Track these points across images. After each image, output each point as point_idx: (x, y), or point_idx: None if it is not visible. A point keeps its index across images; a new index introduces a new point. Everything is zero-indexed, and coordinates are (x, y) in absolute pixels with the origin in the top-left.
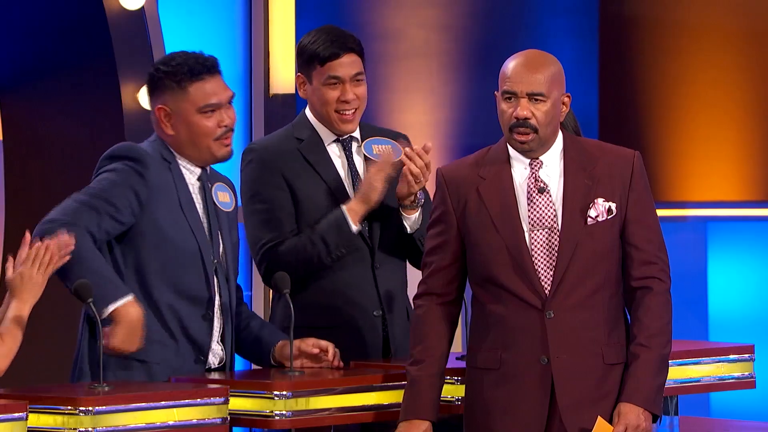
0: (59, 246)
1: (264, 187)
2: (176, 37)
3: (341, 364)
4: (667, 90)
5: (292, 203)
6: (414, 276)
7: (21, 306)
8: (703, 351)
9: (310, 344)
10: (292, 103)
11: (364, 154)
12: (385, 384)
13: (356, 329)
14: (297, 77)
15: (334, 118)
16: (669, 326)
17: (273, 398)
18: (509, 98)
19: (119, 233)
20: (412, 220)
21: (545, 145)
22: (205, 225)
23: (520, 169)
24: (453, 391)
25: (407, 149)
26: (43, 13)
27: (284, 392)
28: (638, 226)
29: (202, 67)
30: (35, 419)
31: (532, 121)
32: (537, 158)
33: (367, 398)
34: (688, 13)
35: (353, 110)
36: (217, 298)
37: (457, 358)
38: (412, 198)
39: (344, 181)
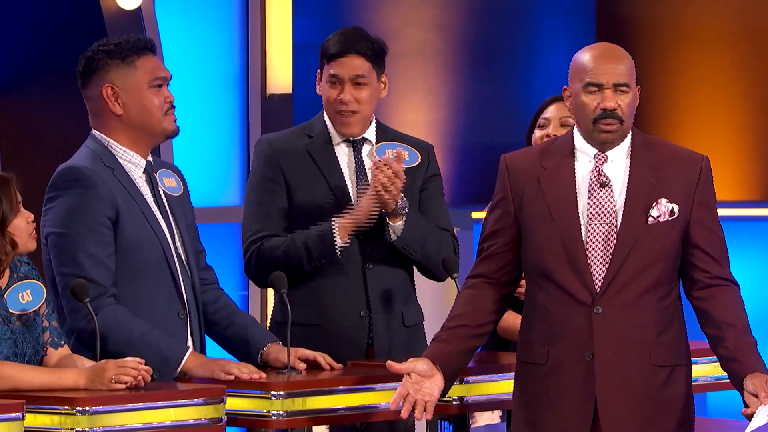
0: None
1: (261, 180)
2: (173, 36)
3: (336, 366)
4: (665, 90)
5: (286, 199)
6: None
7: (74, 379)
8: (702, 351)
9: (297, 358)
10: (289, 103)
11: (375, 158)
12: (382, 384)
13: (340, 328)
14: (317, 73)
15: (335, 118)
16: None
17: (270, 398)
18: (594, 90)
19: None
20: (394, 227)
21: (623, 137)
22: (158, 215)
23: (584, 162)
24: (452, 391)
25: (377, 159)
26: (41, 13)
27: (281, 392)
28: (704, 229)
29: (143, 44)
30: (32, 419)
31: (618, 112)
32: (603, 152)
33: (363, 398)
34: (686, 13)
35: (350, 112)
36: (183, 290)
37: None
38: (393, 206)
39: (347, 181)
